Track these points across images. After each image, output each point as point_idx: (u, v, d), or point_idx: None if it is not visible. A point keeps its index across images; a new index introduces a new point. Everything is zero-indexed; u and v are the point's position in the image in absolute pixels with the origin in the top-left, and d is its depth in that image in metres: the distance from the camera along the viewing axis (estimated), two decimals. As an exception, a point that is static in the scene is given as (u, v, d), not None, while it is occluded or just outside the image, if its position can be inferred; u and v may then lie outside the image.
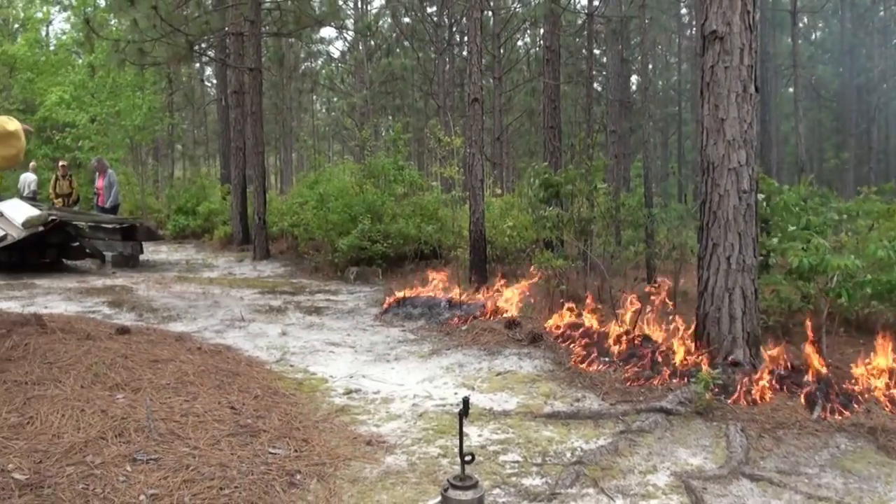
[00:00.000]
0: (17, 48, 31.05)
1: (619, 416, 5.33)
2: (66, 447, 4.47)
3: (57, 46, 34.48)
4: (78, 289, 11.43)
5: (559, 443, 4.84)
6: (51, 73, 29.12)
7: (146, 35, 16.53)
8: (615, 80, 20.98)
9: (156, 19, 16.01)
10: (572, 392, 5.99)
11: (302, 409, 5.47)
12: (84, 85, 25.64)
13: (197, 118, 49.28)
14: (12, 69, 32.49)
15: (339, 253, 13.00)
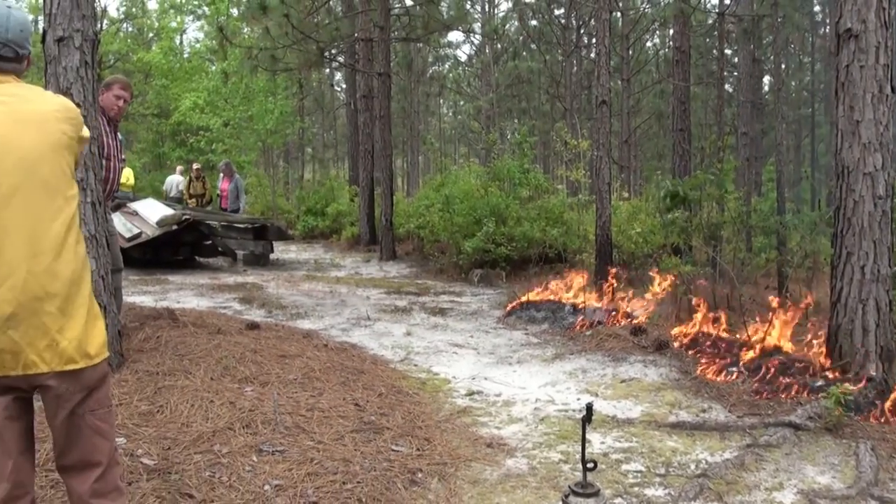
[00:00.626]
0: (153, 56, 32.34)
1: (746, 429, 5.17)
2: (195, 436, 4.61)
3: (191, 54, 35.76)
4: (210, 285, 11.80)
5: (683, 454, 4.73)
6: (185, 79, 30.21)
7: (278, 42, 16.99)
8: (746, 81, 20.42)
9: (287, 27, 16.42)
10: (698, 402, 5.85)
11: (425, 409, 5.50)
12: (218, 90, 26.49)
13: (327, 122, 50.28)
14: (148, 76, 33.87)
15: (463, 255, 13.04)
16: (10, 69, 2.69)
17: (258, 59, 18.28)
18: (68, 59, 5.75)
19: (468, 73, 45.94)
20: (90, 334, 2.63)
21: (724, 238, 11.10)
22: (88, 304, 2.66)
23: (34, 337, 2.51)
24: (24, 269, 2.50)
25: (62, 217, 2.60)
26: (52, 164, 2.60)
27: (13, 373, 2.53)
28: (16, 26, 2.68)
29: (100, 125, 6.16)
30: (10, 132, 2.55)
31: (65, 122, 2.68)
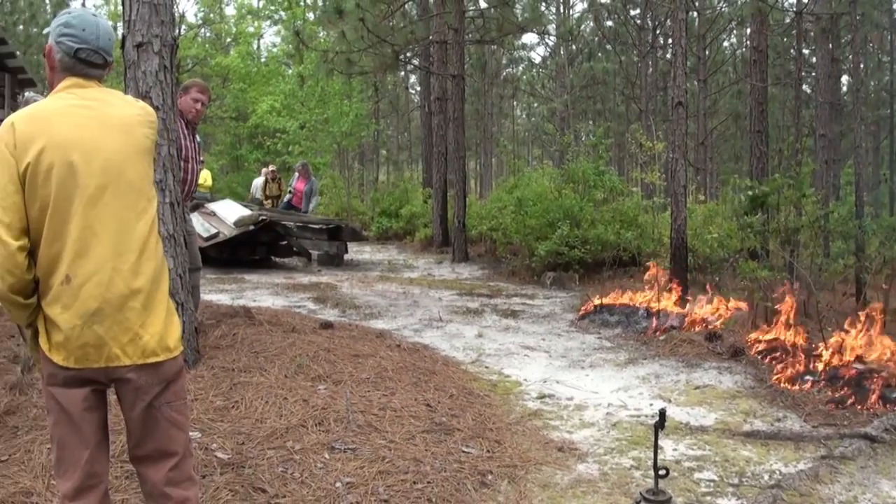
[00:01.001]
0: (231, 60, 32.95)
1: (821, 440, 5.05)
2: (268, 432, 4.69)
3: (268, 58, 36.30)
4: (285, 284, 11.96)
5: (757, 464, 4.64)
6: (262, 83, 30.70)
7: (354, 46, 17.13)
8: (825, 81, 19.99)
9: (363, 31, 16.56)
10: (773, 411, 5.73)
11: (495, 411, 5.50)
12: (294, 94, 26.86)
13: (401, 124, 50.56)
14: (225, 80, 34.50)
15: (536, 257, 12.99)
16: (96, 75, 2.78)
17: (334, 63, 18.46)
18: (147, 64, 5.88)
19: (542, 74, 45.79)
20: (169, 328, 2.73)
21: (801, 243, 10.86)
22: (168, 299, 2.77)
23: (118, 332, 2.61)
24: (109, 266, 2.60)
25: (146, 217, 2.70)
26: (137, 166, 2.70)
27: (95, 365, 2.62)
28: (105, 34, 2.77)
29: (178, 128, 6.29)
30: (97, 135, 2.64)
31: (146, 126, 2.78)
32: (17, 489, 3.90)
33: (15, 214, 2.57)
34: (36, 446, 4.43)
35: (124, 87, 6.08)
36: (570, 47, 37.41)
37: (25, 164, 2.56)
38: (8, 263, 2.56)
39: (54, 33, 2.74)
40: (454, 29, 16.81)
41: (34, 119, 2.64)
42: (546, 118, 43.22)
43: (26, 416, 5.05)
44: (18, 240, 2.57)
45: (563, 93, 35.51)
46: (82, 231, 2.59)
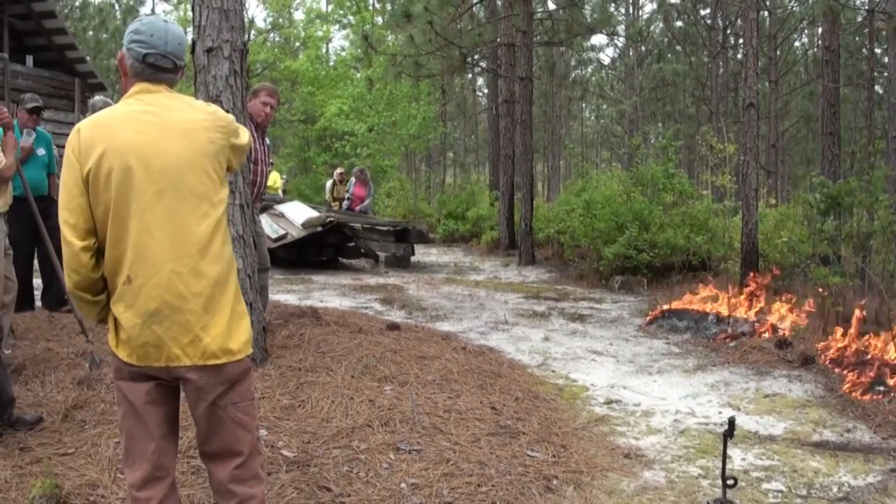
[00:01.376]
0: (300, 64, 33.32)
1: (891, 452, 4.90)
2: (334, 431, 4.73)
3: (336, 62, 36.62)
4: (352, 286, 12.04)
5: (826, 475, 4.52)
6: (330, 86, 31.01)
7: (422, 49, 17.20)
8: (896, 82, 19.50)
9: (431, 34, 16.61)
10: (843, 421, 5.58)
11: (561, 415, 5.46)
12: (362, 97, 27.07)
13: (468, 127, 50.63)
14: (294, 83, 34.92)
15: (604, 261, 12.88)
16: (166, 80, 2.84)
17: (402, 66, 18.56)
18: (218, 69, 5.98)
19: (611, 76, 45.52)
20: (233, 332, 2.76)
21: (873, 248, 10.60)
22: (233, 302, 2.79)
23: (178, 333, 2.67)
24: (168, 268, 2.66)
25: (208, 221, 2.74)
26: (198, 171, 2.74)
27: (156, 364, 2.70)
28: (174, 39, 2.83)
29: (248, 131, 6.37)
30: (158, 140, 2.70)
31: (213, 130, 2.81)
32: (84, 481, 3.98)
33: (80, 216, 2.68)
34: (103, 440, 4.52)
35: (195, 91, 6.19)
36: (640, 48, 37.14)
37: (88, 168, 2.66)
38: (73, 262, 2.70)
39: (125, 40, 2.82)
40: (522, 31, 16.75)
41: (98, 125, 2.73)
42: (615, 120, 42.96)
43: (94, 410, 5.16)
44: (83, 240, 2.69)
45: (633, 94, 35.25)
46: (141, 234, 2.66)
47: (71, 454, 4.39)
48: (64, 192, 2.70)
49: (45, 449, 4.47)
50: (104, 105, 9.22)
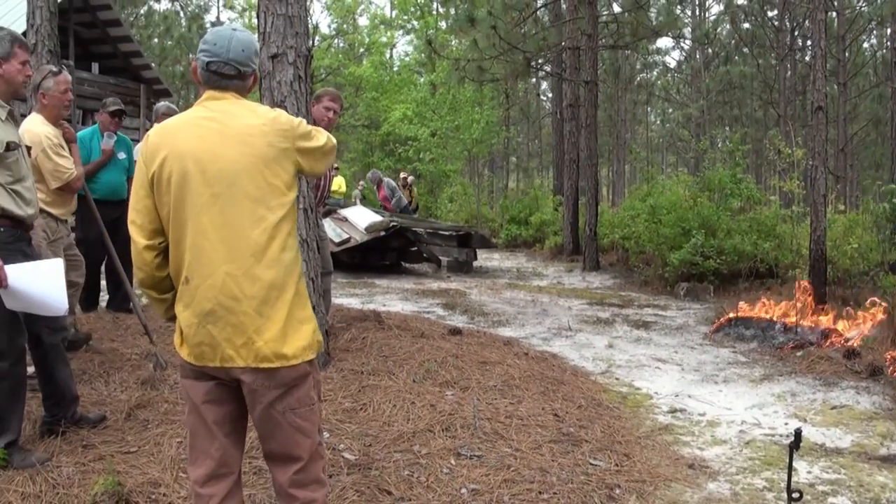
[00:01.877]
0: (364, 70, 33.61)
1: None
2: (395, 435, 4.75)
3: (400, 67, 36.83)
4: (414, 290, 12.08)
5: (893, 490, 4.39)
6: (394, 91, 31.21)
7: (485, 53, 17.21)
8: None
9: (495, 38, 16.60)
10: (912, 434, 5.45)
11: (625, 424, 5.41)
12: (425, 101, 27.19)
13: (532, 131, 50.53)
14: (358, 89, 35.22)
15: (669, 267, 12.72)
16: (232, 87, 2.90)
17: (465, 71, 18.58)
18: (282, 74, 6.05)
19: (677, 79, 45.10)
20: (289, 337, 2.78)
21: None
22: (290, 307, 2.80)
23: (231, 334, 2.71)
24: (222, 270, 2.72)
25: (264, 225, 2.77)
26: (254, 175, 2.78)
27: (211, 364, 2.76)
28: (237, 46, 2.88)
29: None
30: (216, 146, 2.76)
31: (272, 134, 2.83)
32: (146, 479, 4.04)
33: (146, 217, 2.80)
34: (165, 439, 4.59)
35: (260, 97, 6.27)
36: (706, 51, 36.73)
37: (152, 172, 2.77)
38: (138, 260, 2.84)
39: (198, 50, 2.91)
40: (587, 34, 16.66)
41: (164, 130, 2.84)
42: (681, 124, 42.56)
43: (157, 410, 5.25)
44: (147, 239, 2.81)
45: (699, 98, 34.89)
46: (197, 236, 2.74)
47: (133, 452, 4.47)
48: (133, 194, 2.84)
49: (108, 447, 4.56)
50: (167, 111, 9.39)
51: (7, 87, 4.38)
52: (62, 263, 4.58)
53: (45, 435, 4.75)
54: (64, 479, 4.07)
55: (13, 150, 4.33)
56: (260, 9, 6.21)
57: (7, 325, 4.30)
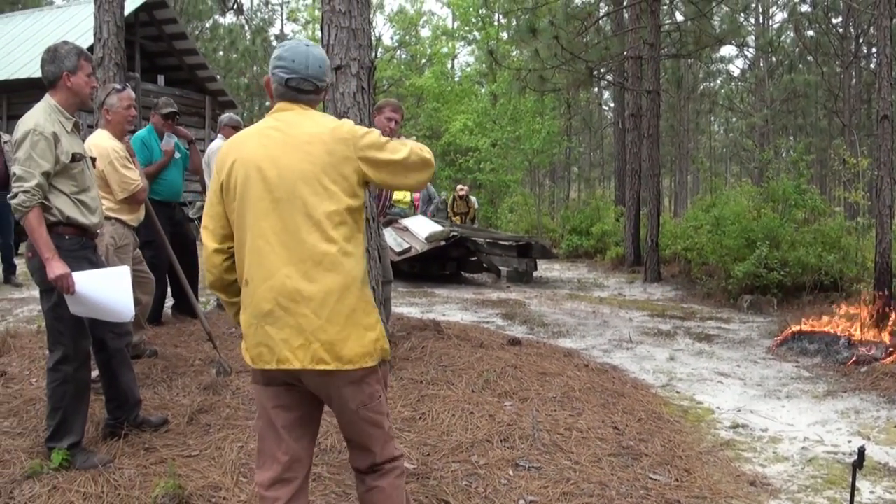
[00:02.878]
0: (425, 80, 33.82)
1: None
2: (454, 445, 4.78)
3: (461, 77, 36.95)
4: (474, 300, 12.10)
5: (959, 511, 4.32)
6: (455, 102, 31.35)
7: (547, 63, 17.20)
8: None
9: (557, 48, 16.58)
10: (979, 454, 5.32)
11: (685, 438, 5.37)
12: (486, 112, 27.26)
13: (594, 141, 50.28)
14: (420, 99, 35.40)
15: (732, 279, 12.55)
16: (307, 100, 3.03)
17: (527, 81, 18.59)
18: (345, 86, 6.15)
19: (741, 88, 44.47)
20: (349, 341, 2.84)
21: None
22: (351, 312, 2.87)
23: (289, 335, 2.80)
24: (282, 273, 2.81)
25: (321, 230, 2.85)
26: (313, 182, 2.87)
27: (268, 366, 2.84)
28: (315, 63, 3.00)
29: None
30: (277, 153, 2.88)
31: (333, 142, 2.92)
32: (206, 483, 4.13)
33: (217, 222, 2.96)
34: (227, 444, 4.68)
35: (324, 107, 6.36)
36: (770, 59, 36.20)
37: (221, 179, 2.93)
38: (208, 263, 2.99)
39: (270, 65, 3.02)
40: (650, 44, 16.56)
41: (235, 139, 3.01)
42: (745, 133, 41.98)
43: (219, 415, 5.35)
44: (218, 244, 2.96)
45: (763, 107, 34.40)
46: (257, 239, 2.84)
47: (195, 456, 4.57)
48: (207, 200, 3.01)
49: (170, 450, 4.66)
50: (231, 122, 9.62)
51: (74, 99, 4.56)
52: (129, 270, 4.71)
53: (107, 437, 4.89)
54: (125, 481, 4.18)
55: (78, 160, 4.50)
56: (324, 21, 6.31)
57: (72, 329, 4.45)
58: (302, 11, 49.61)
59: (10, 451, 4.63)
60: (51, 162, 4.30)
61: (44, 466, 4.31)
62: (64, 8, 28.52)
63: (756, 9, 37.73)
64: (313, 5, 45.81)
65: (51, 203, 4.36)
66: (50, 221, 4.35)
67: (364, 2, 6.30)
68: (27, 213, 4.21)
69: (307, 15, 48.13)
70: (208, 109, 23.96)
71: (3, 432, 5.03)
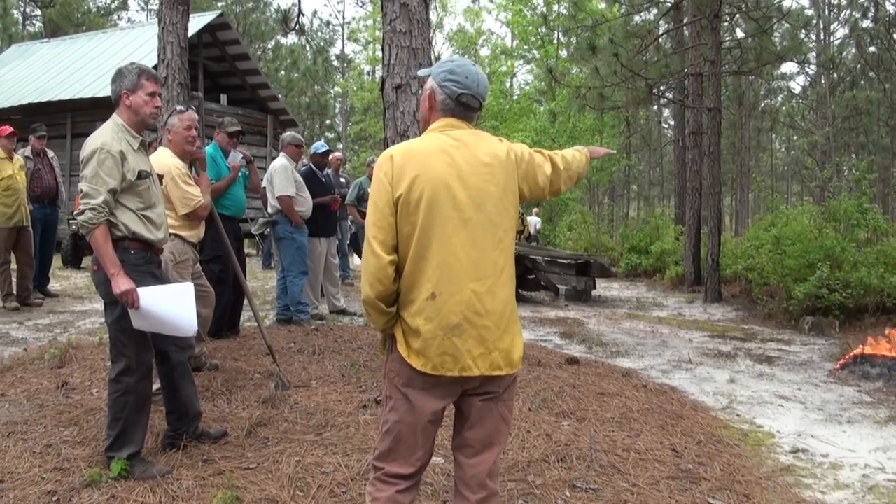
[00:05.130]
0: (483, 99, 33.81)
1: None
2: (510, 463, 4.82)
3: (520, 96, 36.97)
4: (531, 318, 12.10)
5: None
6: (513, 120, 31.40)
7: (606, 81, 17.17)
8: None
9: (616, 65, 16.57)
10: None
11: (745, 462, 5.33)
12: (545, 130, 27.28)
13: (653, 159, 50.00)
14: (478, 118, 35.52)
15: (793, 300, 12.38)
16: (470, 117, 3.21)
17: (586, 98, 18.61)
18: (406, 104, 6.25)
19: (802, 105, 43.90)
20: (515, 347, 3.10)
21: None
22: (514, 322, 3.12)
23: (472, 345, 2.97)
24: (469, 288, 2.98)
25: (501, 247, 3.06)
26: (496, 201, 3.06)
27: (449, 373, 3.00)
28: (483, 81, 3.20)
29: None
30: (464, 172, 3.02)
31: (511, 164, 3.15)
32: (263, 496, 4.21)
33: (388, 234, 3.01)
34: (284, 457, 4.77)
35: (383, 126, 6.47)
36: (831, 76, 35.70)
37: (399, 192, 2.99)
38: (379, 274, 3.01)
39: (438, 78, 3.17)
40: (710, 60, 16.47)
41: (411, 153, 3.06)
42: (806, 151, 41.39)
43: (277, 428, 5.44)
44: (389, 255, 3.01)
45: (824, 124, 33.92)
46: (447, 255, 2.97)
47: (252, 469, 4.66)
48: (375, 211, 3.04)
49: (228, 462, 4.76)
50: (293, 140, 9.87)
51: (135, 118, 4.71)
52: (192, 286, 4.83)
53: (166, 448, 5.01)
54: (183, 492, 4.27)
55: (144, 178, 4.65)
56: (385, 41, 6.43)
57: (135, 341, 4.58)
58: (362, 31, 50.34)
59: (70, 460, 4.77)
60: (117, 179, 4.44)
61: (103, 475, 4.44)
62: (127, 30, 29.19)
63: (817, 25, 37.29)
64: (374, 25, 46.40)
65: (117, 219, 4.50)
66: (116, 236, 4.50)
67: (424, 22, 6.39)
68: (94, 229, 4.35)
69: (367, 35, 48.77)
70: (270, 128, 24.31)
71: (63, 441, 5.19)
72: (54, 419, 5.70)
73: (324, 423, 5.62)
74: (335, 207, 11.18)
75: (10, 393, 6.43)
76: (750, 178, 41.14)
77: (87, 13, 47.51)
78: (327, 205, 10.80)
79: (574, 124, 25.53)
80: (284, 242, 9.94)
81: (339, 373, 7.19)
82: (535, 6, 35.97)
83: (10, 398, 6.27)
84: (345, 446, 5.07)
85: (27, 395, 6.36)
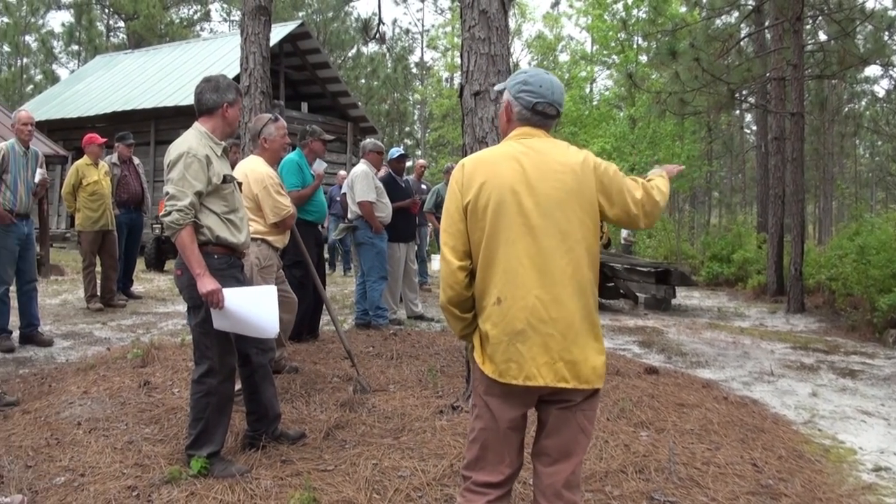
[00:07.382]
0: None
1: None
2: (587, 474, 4.81)
3: (600, 101, 36.75)
4: (610, 326, 12.02)
5: None
6: (593, 125, 31.19)
7: (687, 86, 16.98)
8: None
9: (697, 70, 16.38)
10: None
11: (826, 479, 5.22)
12: (625, 136, 27.04)
13: (735, 165, 49.15)
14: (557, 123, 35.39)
15: (878, 312, 12.07)
16: (546, 125, 3.24)
17: (666, 104, 18.40)
18: (484, 111, 6.27)
19: (886, 109, 42.74)
20: (588, 362, 3.02)
21: None
22: (589, 336, 3.06)
23: (536, 353, 2.96)
24: (533, 294, 2.97)
25: (570, 256, 3.02)
26: (566, 209, 3.04)
27: (514, 381, 3.00)
28: (559, 89, 3.23)
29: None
30: (532, 179, 3.04)
31: (583, 172, 3.11)
32: (340, 497, 4.28)
33: (458, 239, 3.08)
34: (361, 460, 4.83)
35: (462, 133, 6.51)
36: (917, 79, 34.70)
37: (468, 199, 3.05)
38: (450, 279, 3.09)
39: (513, 90, 3.23)
40: (793, 64, 16.15)
41: (480, 161, 3.13)
42: (891, 157, 40.33)
43: (354, 431, 5.52)
44: (460, 260, 3.07)
45: (909, 129, 32.98)
46: (511, 261, 2.99)
47: (330, 471, 4.73)
48: (446, 217, 3.13)
49: (306, 464, 4.85)
50: (374, 147, 10.00)
51: (227, 129, 4.93)
52: (275, 290, 4.92)
53: (246, 448, 5.13)
54: (261, 491, 4.36)
55: (228, 182, 4.79)
56: (464, 48, 6.46)
57: (218, 344, 4.70)
58: (441, 39, 50.51)
59: (151, 457, 4.92)
60: (203, 182, 4.58)
61: (183, 473, 4.57)
62: (210, 40, 29.83)
63: (901, 26, 36.29)
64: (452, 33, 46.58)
65: (202, 222, 4.62)
66: (200, 241, 4.63)
67: (503, 28, 6.41)
68: (180, 230, 4.48)
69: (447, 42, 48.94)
70: (350, 135, 24.65)
71: (144, 438, 5.34)
72: (136, 417, 5.88)
73: (401, 428, 5.68)
74: (415, 210, 11.31)
75: (92, 390, 6.64)
76: (833, 184, 40.28)
77: (170, 24, 48.72)
78: (407, 209, 10.91)
79: (654, 130, 25.24)
80: (364, 247, 10.06)
81: (416, 378, 7.26)
82: (615, 11, 35.68)
83: (93, 395, 6.48)
84: (421, 451, 5.12)
85: (109, 392, 6.56)
